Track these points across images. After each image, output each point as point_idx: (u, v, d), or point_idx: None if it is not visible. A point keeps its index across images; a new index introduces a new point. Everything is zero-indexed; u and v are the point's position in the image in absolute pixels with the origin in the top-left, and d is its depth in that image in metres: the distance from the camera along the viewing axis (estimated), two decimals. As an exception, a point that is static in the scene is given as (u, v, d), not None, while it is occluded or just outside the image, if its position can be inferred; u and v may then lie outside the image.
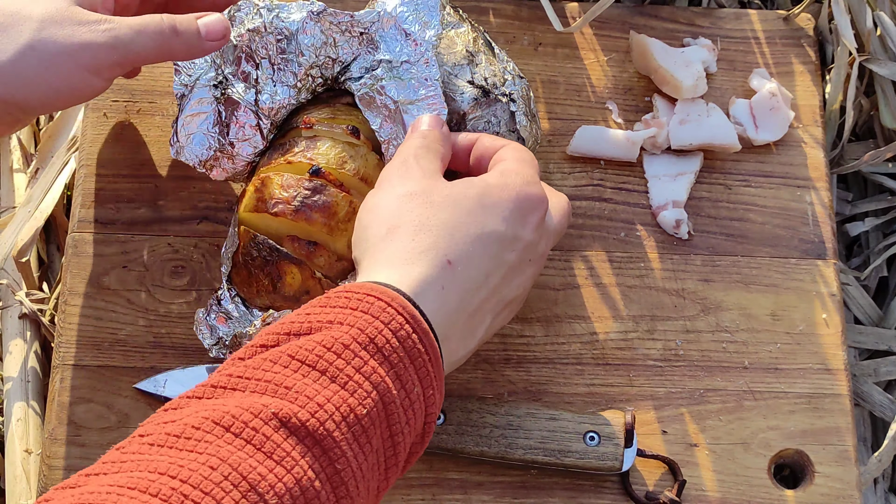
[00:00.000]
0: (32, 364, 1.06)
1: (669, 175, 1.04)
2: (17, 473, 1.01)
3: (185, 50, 0.86)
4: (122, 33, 0.82)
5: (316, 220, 0.88)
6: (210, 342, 0.92)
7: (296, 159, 0.90)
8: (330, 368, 0.70)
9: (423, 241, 0.79)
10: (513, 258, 0.82)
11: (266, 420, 0.66)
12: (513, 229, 0.82)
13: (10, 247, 1.07)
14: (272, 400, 0.67)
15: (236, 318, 0.91)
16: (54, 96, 0.82)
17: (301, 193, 0.88)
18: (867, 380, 1.07)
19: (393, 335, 0.72)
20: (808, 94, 1.08)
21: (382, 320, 0.73)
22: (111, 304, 0.98)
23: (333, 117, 0.91)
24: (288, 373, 0.69)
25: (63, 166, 1.11)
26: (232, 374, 0.70)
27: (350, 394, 0.69)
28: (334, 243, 0.89)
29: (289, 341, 0.72)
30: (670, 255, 1.02)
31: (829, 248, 1.03)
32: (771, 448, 0.96)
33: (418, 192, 0.81)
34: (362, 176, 0.90)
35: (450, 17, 0.95)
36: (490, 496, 0.94)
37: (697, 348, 0.99)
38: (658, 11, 1.11)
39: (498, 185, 0.83)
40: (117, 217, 1.01)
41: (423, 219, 0.80)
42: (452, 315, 0.78)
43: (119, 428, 0.94)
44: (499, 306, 0.83)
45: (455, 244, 0.79)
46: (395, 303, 0.74)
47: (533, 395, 0.96)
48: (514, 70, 0.96)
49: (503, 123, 0.94)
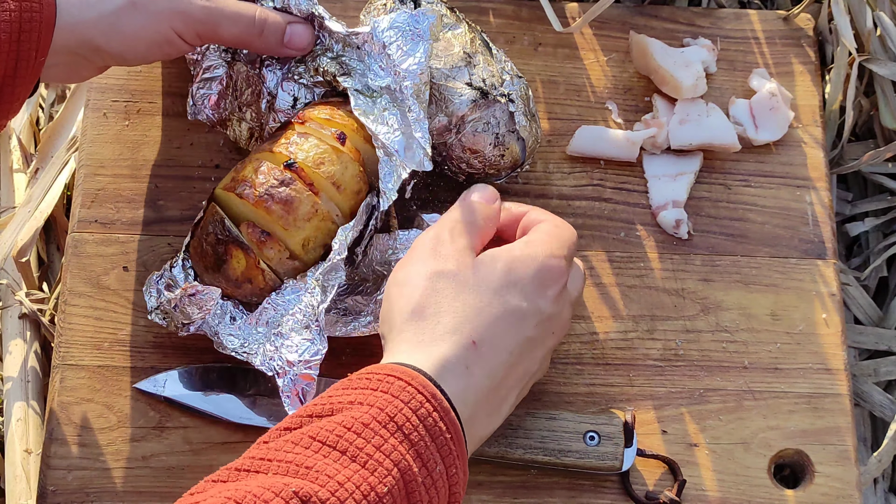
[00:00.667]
0: (32, 364, 1.06)
1: (669, 175, 1.04)
2: (16, 473, 1.01)
3: (264, 48, 0.92)
4: (215, 14, 0.89)
5: (275, 211, 0.89)
6: (152, 305, 0.93)
7: (278, 150, 0.91)
8: (350, 448, 0.70)
9: (448, 323, 0.80)
10: (534, 332, 0.83)
11: (287, 499, 0.66)
12: (534, 304, 0.83)
13: (10, 247, 1.07)
14: (293, 480, 0.68)
15: (177, 287, 0.92)
16: (143, 51, 0.89)
17: (269, 182, 0.89)
18: (867, 380, 1.07)
19: (413, 413, 0.73)
20: (807, 94, 1.08)
21: (402, 399, 0.73)
22: (111, 304, 0.98)
23: (329, 119, 0.92)
24: (309, 453, 0.70)
25: (63, 166, 1.11)
26: (255, 456, 0.71)
27: (371, 472, 0.70)
28: (288, 238, 0.89)
29: (311, 423, 0.73)
30: (670, 255, 1.02)
31: (829, 248, 1.03)
32: (771, 448, 0.96)
33: (446, 273, 0.82)
34: (336, 181, 0.90)
35: (446, 20, 0.95)
36: (490, 496, 0.94)
37: (697, 348, 0.99)
38: (658, 11, 1.11)
39: (521, 258, 0.84)
40: (117, 217, 1.01)
41: (449, 300, 0.81)
42: (478, 394, 0.79)
43: (119, 428, 0.94)
44: (522, 381, 0.84)
45: (480, 325, 0.80)
46: (416, 382, 0.75)
47: (533, 394, 0.96)
48: (513, 70, 0.96)
49: (502, 124, 0.94)
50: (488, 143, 0.94)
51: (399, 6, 0.94)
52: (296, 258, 0.90)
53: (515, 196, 1.03)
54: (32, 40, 0.82)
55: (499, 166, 0.97)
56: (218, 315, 0.91)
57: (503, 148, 0.95)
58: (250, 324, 0.91)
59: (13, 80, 0.82)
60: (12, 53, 0.81)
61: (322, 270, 0.89)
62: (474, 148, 0.94)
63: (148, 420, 0.95)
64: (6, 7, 0.80)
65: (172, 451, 0.94)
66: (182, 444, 0.94)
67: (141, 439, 0.94)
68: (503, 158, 0.96)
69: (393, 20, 0.91)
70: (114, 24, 0.86)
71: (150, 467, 0.93)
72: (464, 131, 0.94)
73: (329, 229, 0.90)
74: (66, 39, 0.84)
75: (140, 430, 0.94)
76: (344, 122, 0.92)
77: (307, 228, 0.89)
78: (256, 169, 0.90)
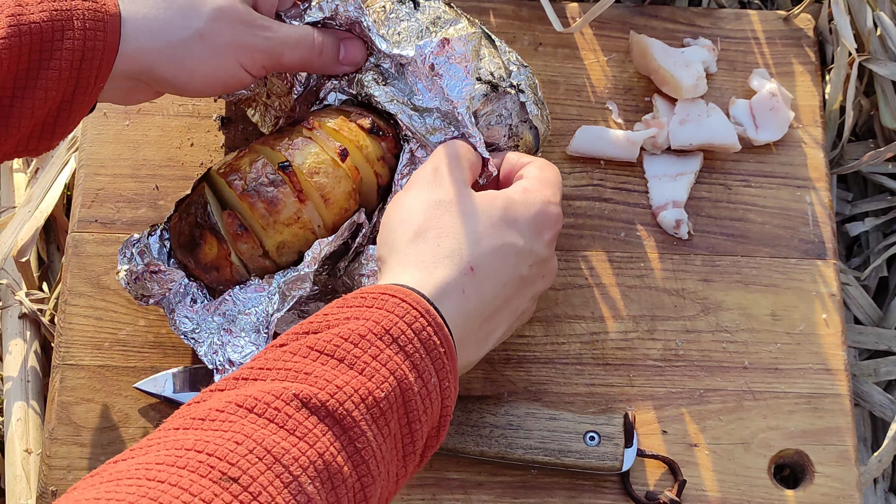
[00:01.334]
0: (32, 364, 1.06)
1: (669, 175, 1.04)
2: (16, 473, 1.01)
3: (322, 68, 0.93)
4: (277, 44, 0.89)
5: (258, 209, 0.89)
6: (123, 266, 0.92)
7: (278, 148, 0.91)
8: (348, 356, 0.72)
9: (447, 247, 0.82)
10: (528, 271, 0.85)
11: (287, 401, 0.68)
12: (530, 244, 0.85)
13: (11, 246, 1.07)
14: (293, 384, 0.69)
15: (149, 256, 0.92)
16: (208, 83, 0.88)
17: (260, 179, 0.89)
18: (867, 380, 1.07)
19: (408, 327, 0.75)
20: (807, 94, 1.08)
21: (397, 314, 0.75)
22: (111, 304, 0.98)
23: (337, 131, 0.91)
24: (307, 362, 0.72)
25: (63, 166, 1.11)
26: (254, 366, 0.72)
27: (368, 378, 0.71)
28: (265, 238, 0.89)
29: (307, 338, 0.74)
30: (670, 255, 1.02)
31: (829, 248, 1.03)
32: (771, 448, 0.96)
33: (447, 201, 0.84)
34: (325, 194, 0.90)
35: (447, 15, 0.95)
36: (490, 496, 0.94)
37: (697, 348, 0.99)
38: (658, 11, 1.11)
39: (520, 202, 0.86)
40: (117, 217, 1.01)
41: (450, 226, 0.83)
42: (470, 319, 0.81)
43: (119, 428, 0.94)
44: (511, 317, 0.86)
45: (479, 252, 0.82)
46: (409, 298, 0.76)
47: (533, 394, 0.96)
48: (518, 60, 0.96)
49: (514, 115, 0.94)
50: (502, 134, 0.94)
51: (398, 6, 0.94)
52: (268, 258, 0.90)
53: (515, 196, 1.03)
54: (94, 67, 0.81)
55: None
56: (180, 294, 0.92)
57: (517, 138, 0.95)
58: (208, 310, 0.91)
59: (70, 105, 0.82)
60: (72, 80, 0.81)
61: (287, 279, 0.89)
62: (489, 141, 0.94)
63: (148, 420, 0.95)
64: (70, 35, 0.80)
65: (172, 451, 0.94)
66: (182, 444, 0.94)
67: (140, 439, 0.94)
68: (517, 148, 0.96)
69: (434, 42, 0.91)
70: (180, 56, 0.85)
71: (150, 467, 0.93)
72: (477, 126, 0.94)
73: (308, 238, 0.90)
74: (129, 65, 0.83)
75: (140, 430, 0.94)
76: (351, 137, 0.91)
77: (285, 233, 0.89)
78: (252, 162, 0.90)
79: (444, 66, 0.90)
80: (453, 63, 0.91)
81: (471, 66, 0.91)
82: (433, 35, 0.92)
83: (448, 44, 0.90)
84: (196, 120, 1.05)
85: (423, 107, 0.92)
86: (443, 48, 0.90)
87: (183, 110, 1.04)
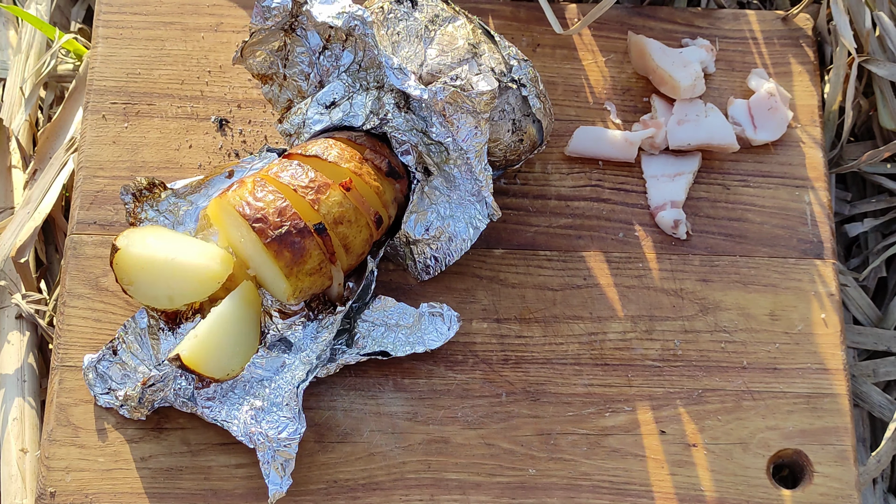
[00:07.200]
0: (29, 362, 1.06)
1: (668, 175, 1.04)
2: (12, 472, 1.01)
3: None
4: None
5: (285, 258, 0.89)
6: (110, 401, 0.94)
7: (301, 193, 0.89)
8: None
9: None
10: None
11: None
12: None
13: (9, 248, 1.07)
14: None
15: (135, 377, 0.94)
16: None
17: (287, 227, 0.88)
18: (866, 380, 1.07)
19: None
20: (806, 94, 1.08)
21: None
22: (110, 305, 0.98)
23: (359, 175, 0.91)
24: None
25: (61, 167, 1.11)
26: None
27: None
28: (287, 286, 0.90)
29: None
30: (668, 256, 1.02)
31: (828, 248, 1.03)
32: (769, 448, 0.96)
33: None
34: (347, 244, 0.91)
35: (444, 13, 0.95)
36: (488, 496, 0.93)
37: (696, 348, 0.99)
38: (656, 12, 1.11)
39: None
40: (116, 218, 1.01)
41: None
42: None
43: (117, 429, 0.94)
44: None
45: None
46: None
47: (531, 395, 0.96)
48: (518, 54, 0.96)
49: (517, 109, 0.94)
50: (506, 129, 0.94)
51: (396, 5, 0.94)
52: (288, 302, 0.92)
53: (514, 196, 1.03)
54: None
55: (518, 151, 0.97)
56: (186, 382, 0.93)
57: (521, 133, 0.95)
58: (222, 387, 0.92)
59: None
60: None
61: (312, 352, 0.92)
62: (493, 137, 0.94)
63: (146, 421, 0.95)
64: None
65: (171, 452, 0.94)
66: (180, 445, 0.94)
67: (139, 440, 0.94)
68: (522, 143, 0.96)
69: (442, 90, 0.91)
70: None
71: (148, 468, 0.93)
72: None
73: (324, 284, 0.92)
74: None
75: (138, 431, 0.94)
76: (371, 181, 0.92)
77: (306, 281, 0.90)
78: (277, 209, 0.89)
79: (454, 115, 0.91)
80: (464, 114, 0.91)
81: (481, 118, 0.92)
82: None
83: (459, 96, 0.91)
84: (194, 122, 1.05)
85: (438, 140, 0.93)
86: (455, 99, 0.91)
87: (181, 112, 1.05)
